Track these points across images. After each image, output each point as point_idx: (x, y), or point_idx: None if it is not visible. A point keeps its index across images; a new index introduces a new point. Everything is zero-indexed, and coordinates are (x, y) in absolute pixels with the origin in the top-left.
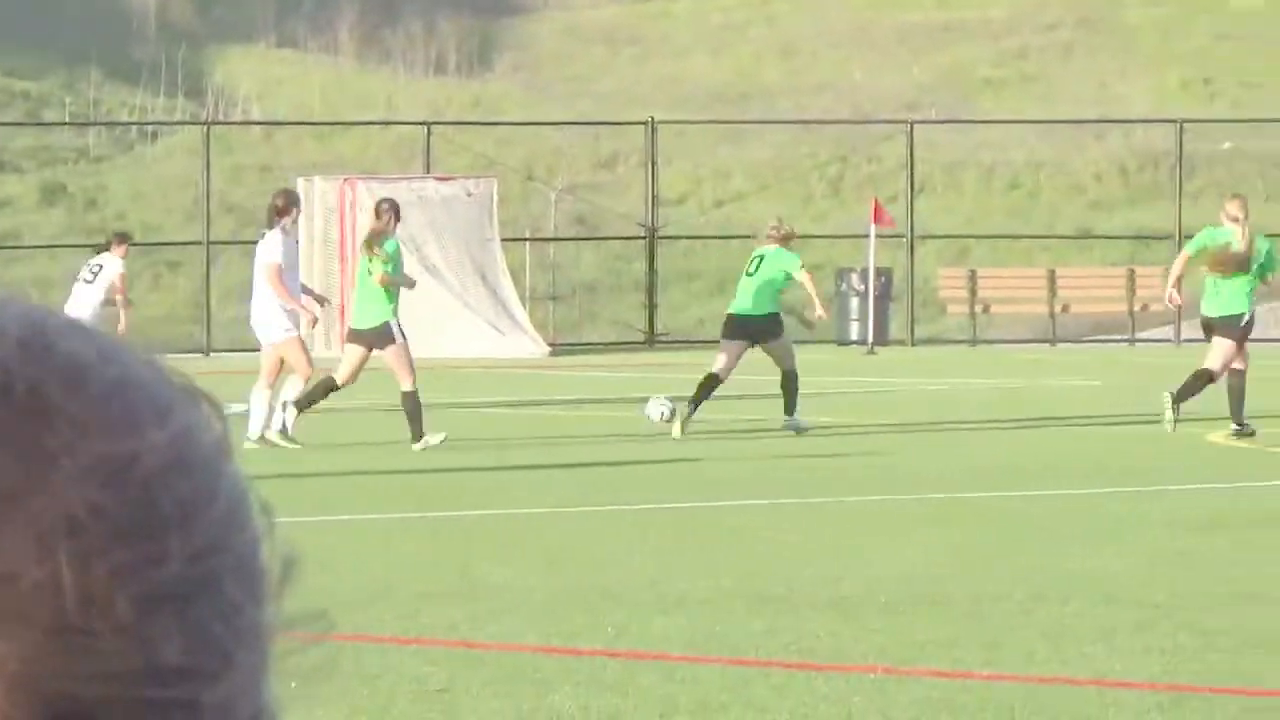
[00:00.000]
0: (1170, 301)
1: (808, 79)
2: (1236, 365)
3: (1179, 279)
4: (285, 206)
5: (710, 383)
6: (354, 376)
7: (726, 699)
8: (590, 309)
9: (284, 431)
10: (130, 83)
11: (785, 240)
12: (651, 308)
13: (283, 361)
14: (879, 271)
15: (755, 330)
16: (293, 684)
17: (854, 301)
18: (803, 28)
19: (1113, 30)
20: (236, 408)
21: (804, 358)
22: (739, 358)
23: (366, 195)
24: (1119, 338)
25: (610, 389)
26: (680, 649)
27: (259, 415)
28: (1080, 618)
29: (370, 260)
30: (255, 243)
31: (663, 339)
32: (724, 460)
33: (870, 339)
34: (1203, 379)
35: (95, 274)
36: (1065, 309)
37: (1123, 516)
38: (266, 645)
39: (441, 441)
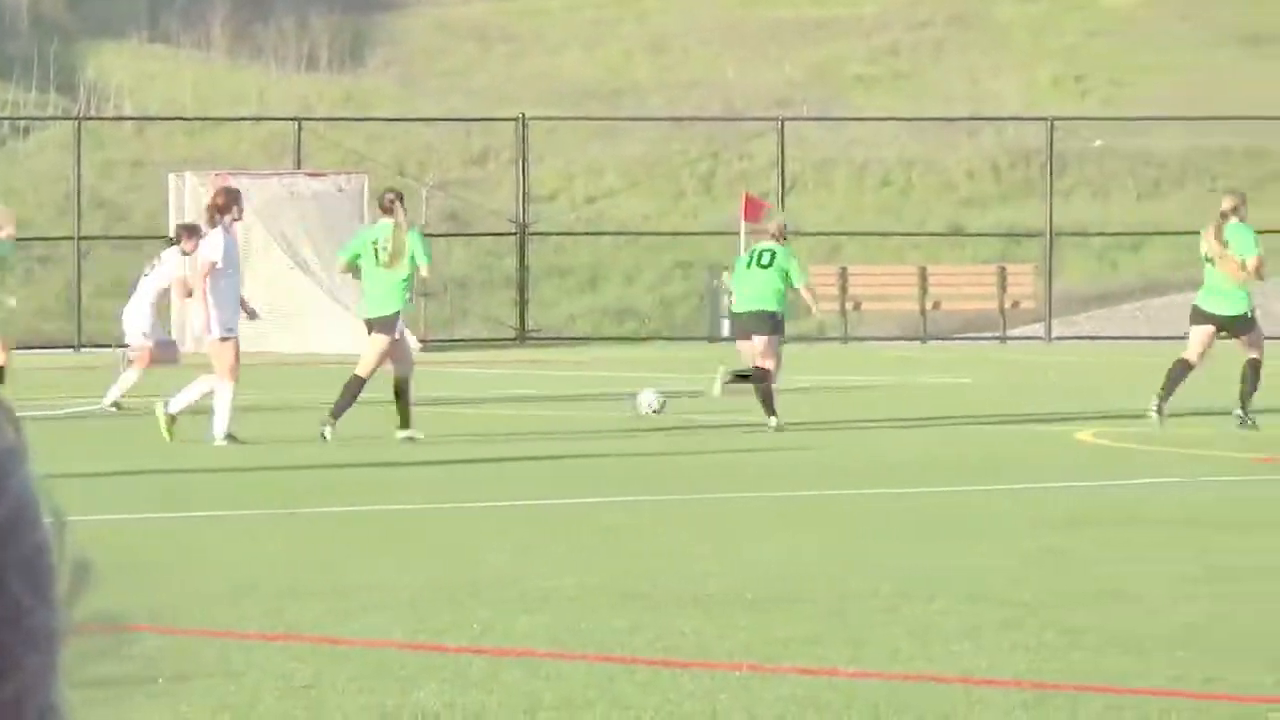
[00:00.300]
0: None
1: (679, 75)
2: (1253, 355)
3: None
4: (226, 204)
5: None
6: (377, 364)
7: (592, 696)
8: (462, 305)
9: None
10: (2, 77)
11: (784, 238)
12: (522, 304)
13: (237, 357)
14: None
15: (763, 324)
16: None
17: (725, 299)
18: (674, 24)
19: (985, 27)
20: (112, 399)
21: (676, 355)
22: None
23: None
24: (989, 335)
25: (480, 386)
26: (546, 646)
27: (223, 414)
28: (946, 615)
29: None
30: (125, 238)
31: (534, 335)
32: (594, 458)
33: (736, 336)
34: (1183, 368)
35: (153, 268)
36: (936, 306)
37: (990, 514)
38: (56, 646)
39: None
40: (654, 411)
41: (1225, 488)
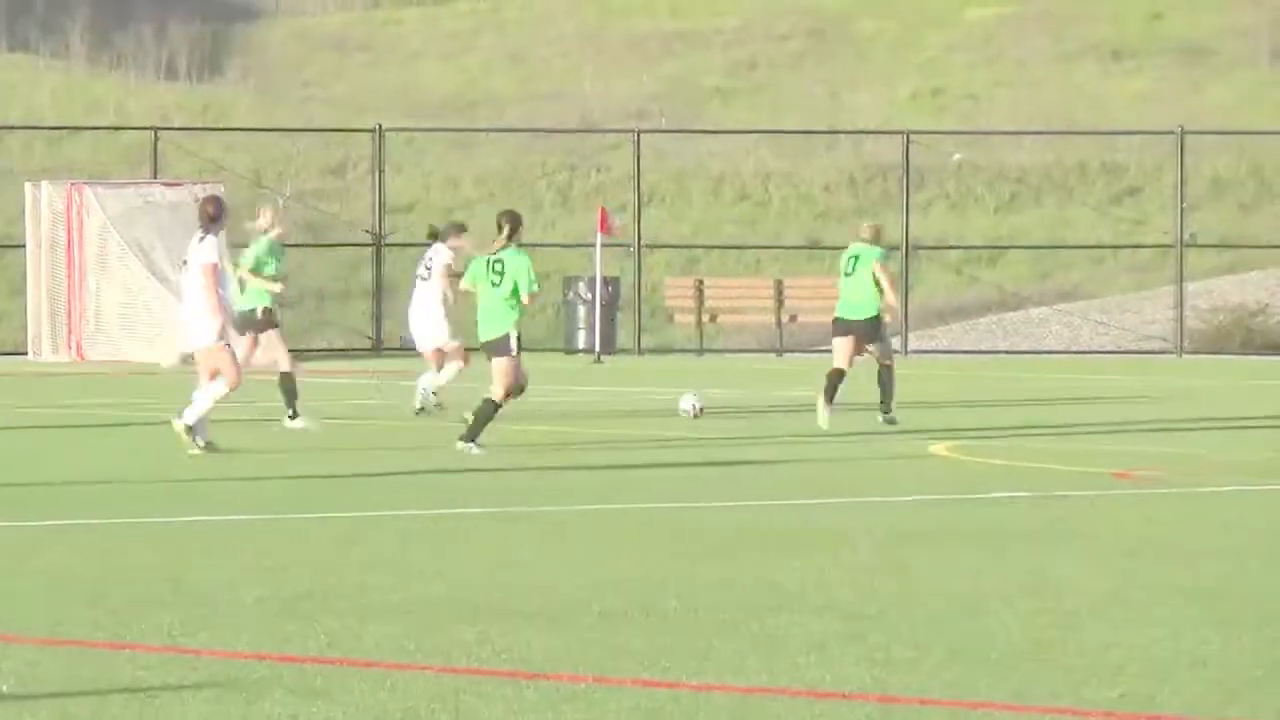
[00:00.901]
0: None
1: (538, 87)
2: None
3: None
4: (217, 213)
5: (835, 377)
6: (513, 382)
7: (436, 707)
8: (319, 316)
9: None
10: None
11: (876, 239)
12: (378, 315)
13: (234, 360)
14: (606, 280)
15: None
16: None
17: (581, 310)
18: (533, 36)
19: (844, 41)
20: None
21: (532, 366)
22: (852, 353)
23: (94, 200)
24: None
25: (335, 396)
26: (392, 657)
27: (202, 418)
28: (793, 628)
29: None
30: None
31: (390, 346)
32: (445, 470)
33: (597, 348)
34: None
35: (429, 269)
36: (793, 319)
37: (840, 528)
38: None
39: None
40: (695, 415)
41: (1080, 503)
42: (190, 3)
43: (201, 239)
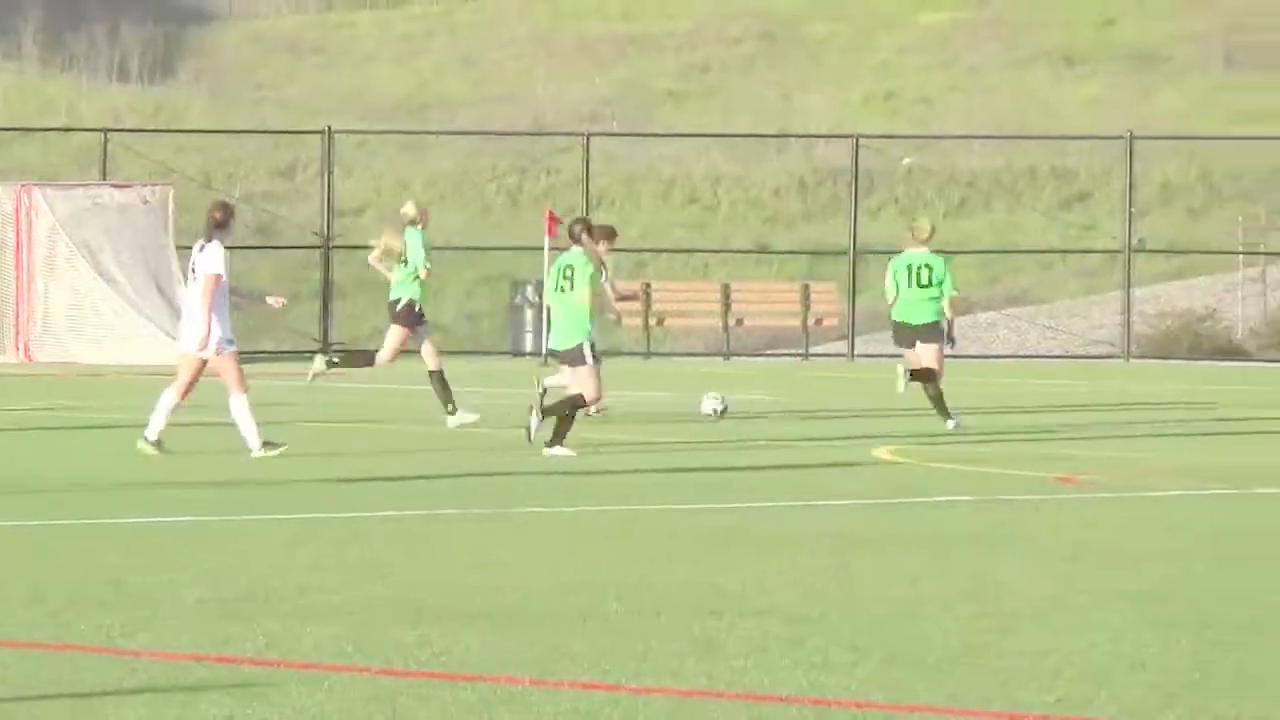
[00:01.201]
0: None
1: (490, 90)
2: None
3: None
4: (224, 219)
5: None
6: (597, 389)
7: (373, 709)
8: (267, 317)
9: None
10: None
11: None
12: (326, 317)
13: (239, 366)
14: None
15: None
16: None
17: (529, 313)
18: (485, 39)
19: (796, 44)
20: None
21: (479, 368)
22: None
23: (43, 201)
24: (793, 352)
25: (280, 397)
26: (331, 658)
27: (248, 426)
28: (732, 632)
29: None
30: None
31: (337, 348)
32: (390, 472)
33: (544, 350)
34: None
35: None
36: (740, 323)
37: (782, 531)
38: None
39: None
40: (716, 414)
41: (1023, 507)
42: (143, 5)
43: (204, 247)
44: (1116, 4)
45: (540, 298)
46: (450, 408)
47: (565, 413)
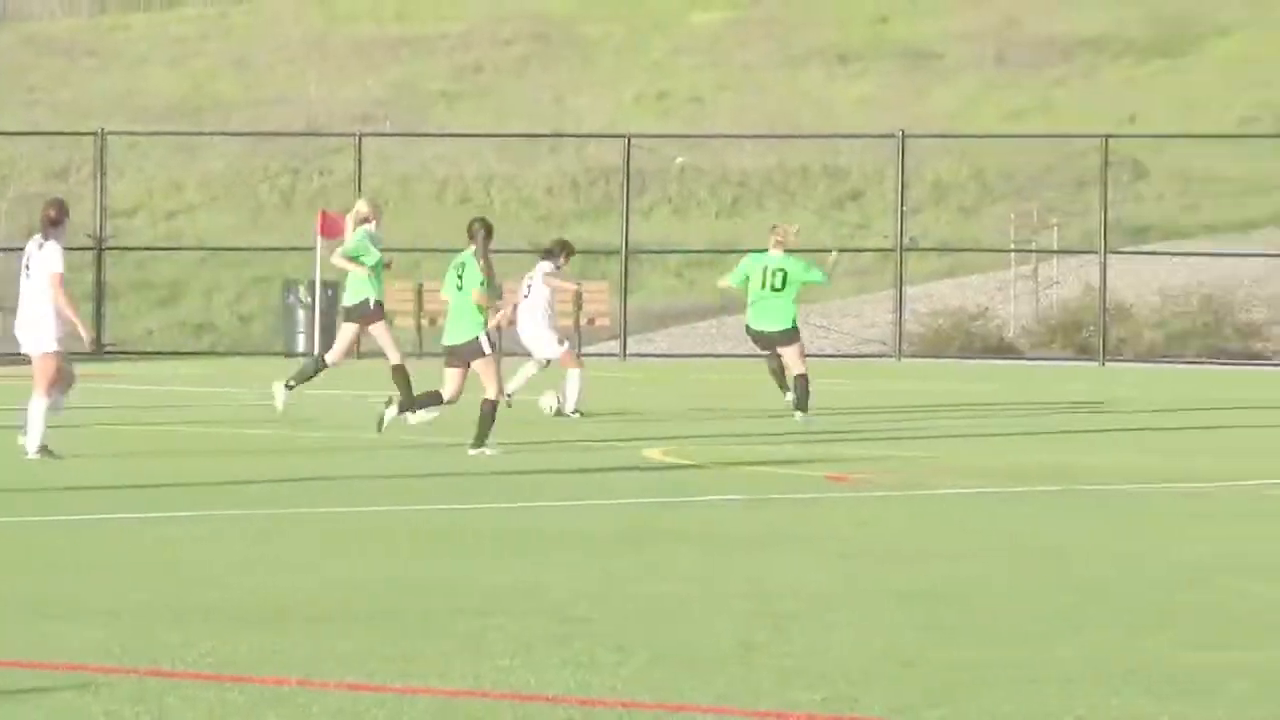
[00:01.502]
0: None
1: (263, 92)
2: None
3: None
4: (58, 217)
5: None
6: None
7: (139, 710)
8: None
9: None
10: None
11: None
12: (99, 319)
13: (58, 371)
14: (325, 284)
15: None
16: None
17: (300, 314)
18: (259, 42)
19: (569, 45)
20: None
21: (249, 369)
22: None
23: None
24: None
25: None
26: (98, 660)
27: (37, 426)
28: (499, 631)
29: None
30: None
31: (110, 350)
32: (163, 475)
33: (316, 351)
34: None
35: (529, 287)
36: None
37: (551, 530)
38: None
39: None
40: (553, 412)
41: (792, 505)
42: None
43: (42, 245)
44: (890, 2)
45: (313, 298)
46: (413, 407)
47: (430, 404)
